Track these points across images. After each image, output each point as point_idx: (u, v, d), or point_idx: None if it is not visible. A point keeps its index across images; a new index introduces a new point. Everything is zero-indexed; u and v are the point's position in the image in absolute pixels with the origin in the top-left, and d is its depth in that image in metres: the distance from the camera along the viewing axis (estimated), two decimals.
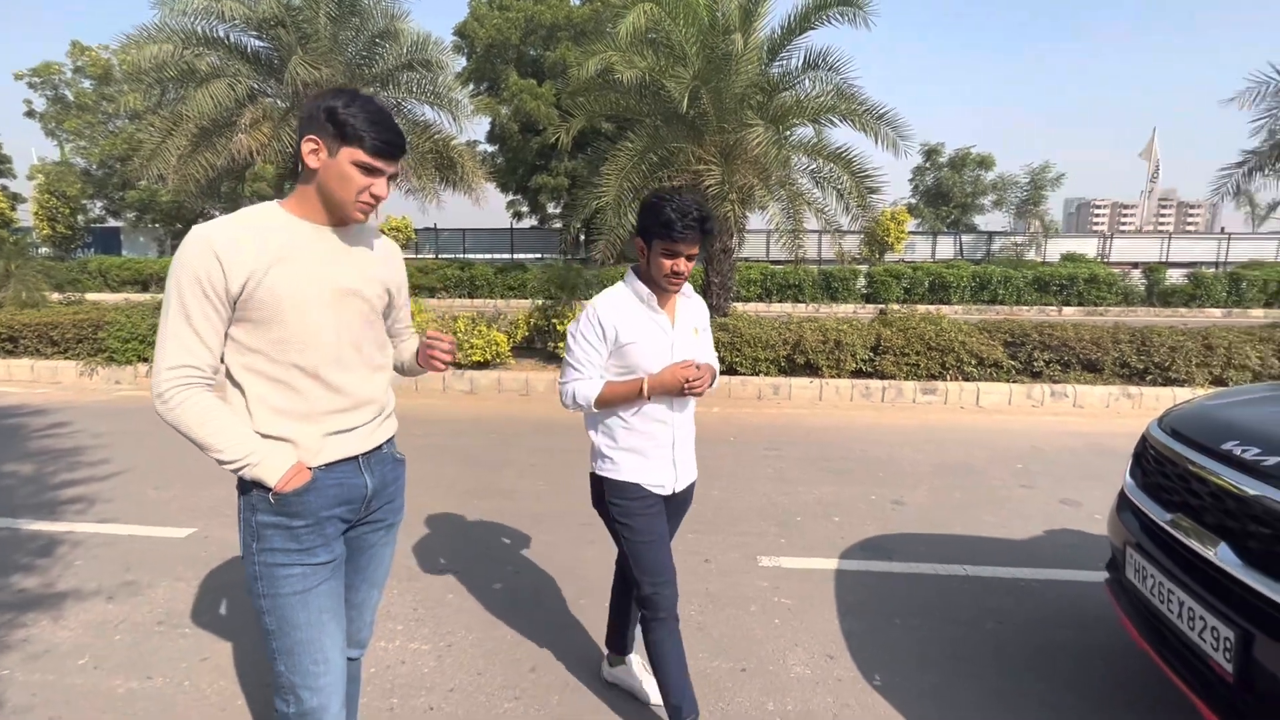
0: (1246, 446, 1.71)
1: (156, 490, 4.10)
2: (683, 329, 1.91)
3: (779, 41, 6.98)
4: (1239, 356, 6.94)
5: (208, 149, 8.47)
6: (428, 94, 8.31)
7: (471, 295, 17.43)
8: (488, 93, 18.02)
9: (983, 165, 24.97)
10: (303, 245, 1.34)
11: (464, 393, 7.10)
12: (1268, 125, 9.02)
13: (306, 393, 1.35)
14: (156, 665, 2.39)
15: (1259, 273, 17.21)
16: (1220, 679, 1.59)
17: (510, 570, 3.14)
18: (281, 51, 8.21)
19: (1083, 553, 3.34)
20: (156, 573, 3.05)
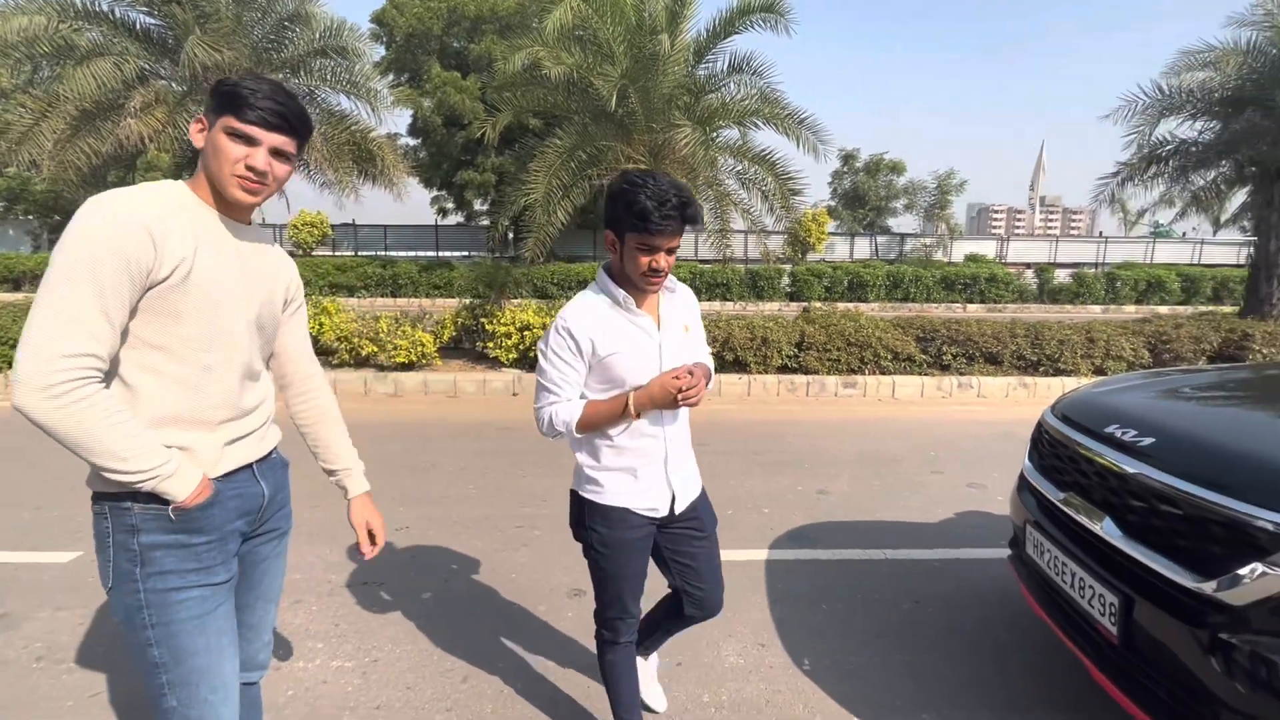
0: (1126, 429, 1.89)
1: (34, 512, 3.70)
2: (670, 329, 1.66)
3: (705, 44, 7.11)
4: (1116, 348, 7.68)
5: (91, 134, 7.70)
6: (343, 83, 7.89)
7: (395, 294, 16.77)
8: (409, 84, 17.34)
9: (895, 171, 26.34)
10: (216, 234, 1.23)
11: (387, 395, 6.81)
12: (1137, 139, 10.02)
13: (212, 396, 1.24)
14: (36, 707, 2.15)
15: (1131, 273, 19.13)
16: (1107, 641, 1.75)
17: (440, 579, 3.04)
18: (177, 30, 7.58)
19: (988, 532, 3.59)
20: (34, 603, 2.76)
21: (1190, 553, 1.55)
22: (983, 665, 2.42)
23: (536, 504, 3.92)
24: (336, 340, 7.18)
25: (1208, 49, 9.37)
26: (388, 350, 7.01)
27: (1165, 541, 1.62)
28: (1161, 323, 8.28)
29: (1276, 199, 9.29)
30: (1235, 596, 1.41)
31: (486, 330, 7.41)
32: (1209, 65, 9.40)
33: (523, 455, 4.87)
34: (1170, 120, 9.85)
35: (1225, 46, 9.24)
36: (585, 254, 20.59)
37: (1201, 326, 8.14)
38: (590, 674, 2.34)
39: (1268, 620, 1.36)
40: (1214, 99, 9.43)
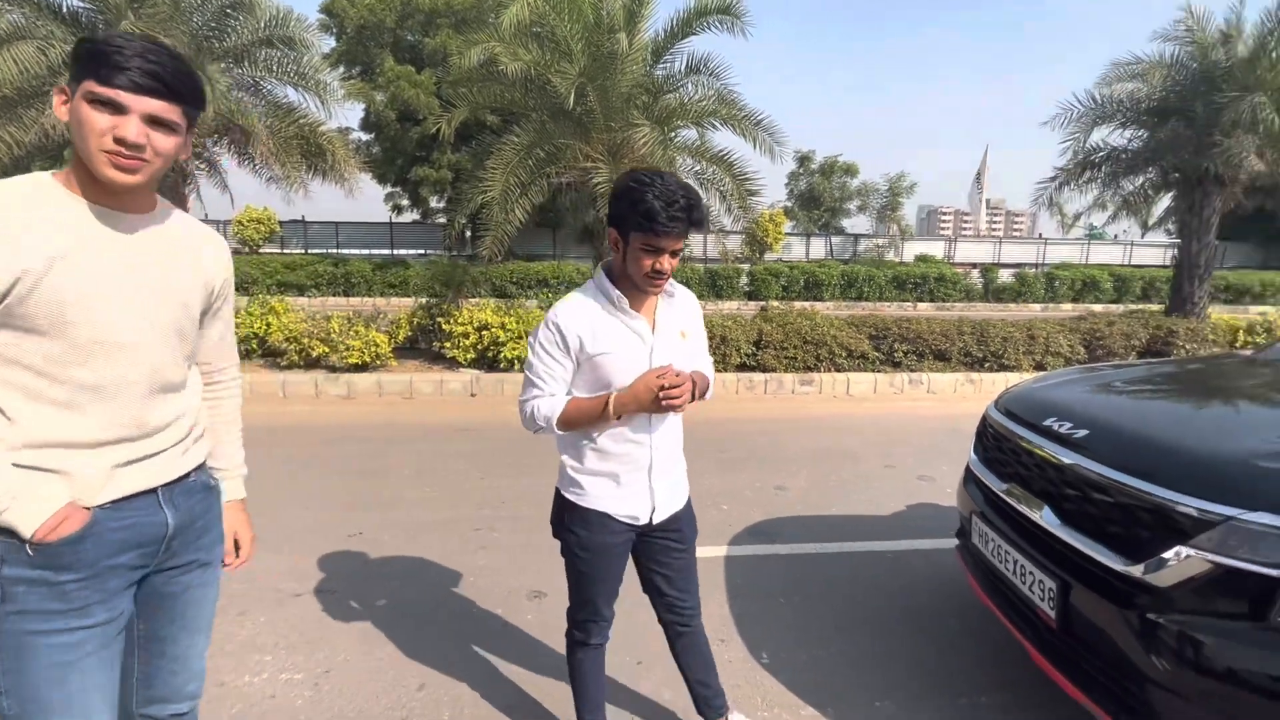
0: (1062, 422, 1.98)
1: None
2: (665, 333, 1.62)
3: (662, 44, 7.14)
4: (1054, 345, 8.07)
5: (12, 122, 7.22)
6: (290, 74, 7.59)
7: (347, 293, 16.29)
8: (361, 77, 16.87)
9: (848, 173, 26.99)
10: (88, 232, 1.06)
11: (340, 398, 6.61)
12: (1072, 146, 10.52)
13: (93, 415, 1.08)
14: None
15: (1068, 273, 20.09)
16: (1046, 625, 1.83)
17: (395, 585, 2.97)
18: (108, 14, 7.17)
19: (937, 523, 3.72)
20: None
21: (1121, 538, 1.64)
22: (933, 652, 2.51)
23: (495, 506, 3.87)
24: (285, 341, 6.93)
25: (1136, 61, 9.90)
26: (340, 351, 6.81)
27: (1098, 528, 1.71)
28: (1096, 320, 8.73)
29: (1197, 204, 9.89)
30: (1161, 579, 1.50)
31: (444, 330, 7.27)
32: (1137, 77, 9.92)
33: (481, 456, 4.80)
34: (1103, 128, 10.38)
35: (1151, 60, 9.78)
36: (544, 253, 20.42)
37: (1131, 324, 8.62)
38: (551, 675, 2.33)
39: (1190, 600, 1.45)
40: (1141, 109, 9.97)
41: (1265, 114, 8.20)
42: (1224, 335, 8.88)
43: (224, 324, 1.37)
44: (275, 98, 8.06)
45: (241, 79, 7.71)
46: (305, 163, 8.24)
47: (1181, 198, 10.70)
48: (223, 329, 1.37)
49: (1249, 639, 1.35)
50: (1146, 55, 9.83)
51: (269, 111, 7.83)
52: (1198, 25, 9.32)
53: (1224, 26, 9.28)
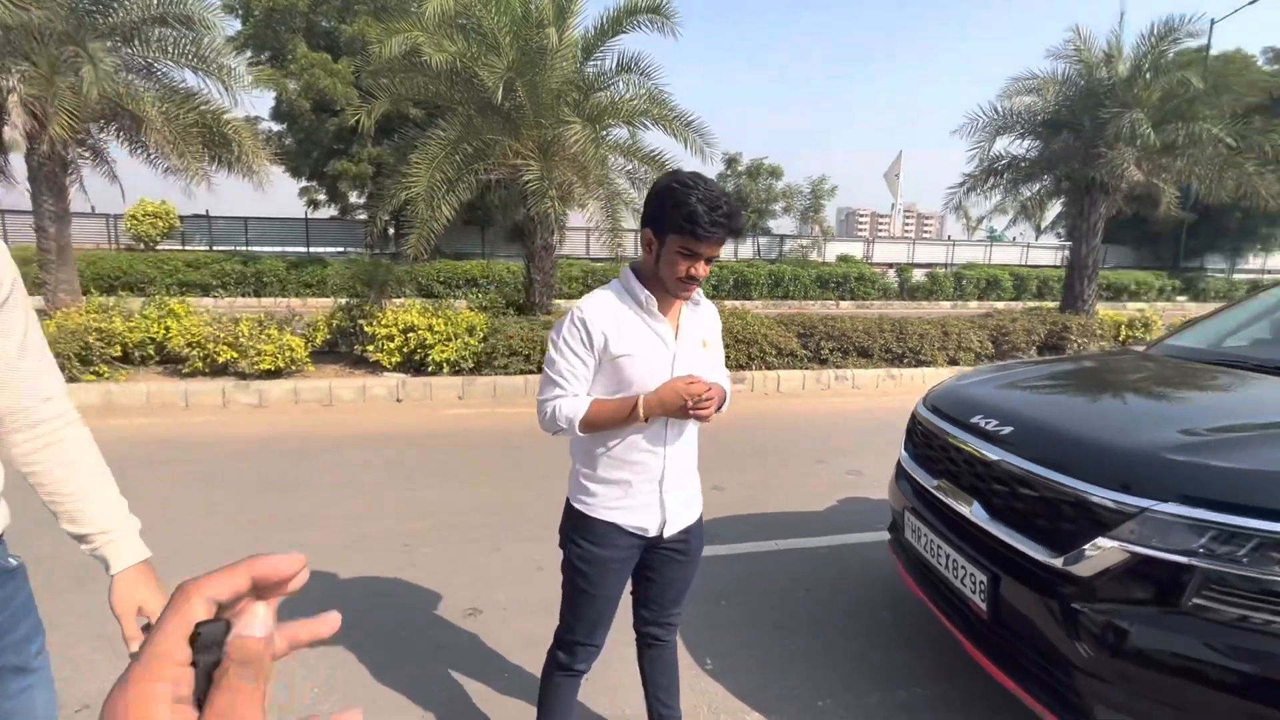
0: (988, 419, 2.07)
1: None
2: (688, 341, 1.59)
3: (593, 41, 7.05)
4: (966, 341, 8.58)
5: None
6: (188, 56, 6.96)
7: (259, 294, 15.22)
8: (271, 63, 15.79)
9: (773, 175, 27.77)
10: None
11: (251, 406, 6.15)
12: (979, 154, 11.26)
13: None
14: None
15: (974, 273, 21.50)
16: (978, 616, 1.90)
17: (317, 609, 2.75)
18: None
19: (867, 516, 3.85)
20: None
21: (1046, 531, 1.72)
22: (870, 646, 2.57)
23: (424, 517, 3.69)
24: (188, 346, 6.38)
25: (1032, 77, 10.68)
26: (250, 356, 6.33)
27: (1025, 522, 1.79)
28: (1000, 317, 9.35)
29: (1086, 210, 10.79)
30: (1083, 569, 1.58)
31: (366, 332, 6.90)
32: (1033, 91, 10.72)
33: (407, 466, 4.57)
34: (1004, 138, 11.16)
35: (1046, 76, 10.58)
36: (473, 251, 19.86)
37: (1031, 320, 9.30)
38: (492, 696, 2.22)
39: (1111, 589, 1.53)
40: (1037, 121, 10.78)
41: (1143, 129, 9.04)
42: (1109, 330, 9.72)
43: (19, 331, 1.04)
44: (172, 82, 7.39)
45: (131, 60, 7.02)
46: (207, 153, 7.59)
47: (1072, 204, 11.66)
48: (20, 338, 1.04)
49: (1165, 623, 1.43)
50: (1041, 72, 10.62)
51: (164, 96, 7.16)
52: (1084, 46, 10.17)
53: (1106, 48, 10.15)
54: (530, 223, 7.59)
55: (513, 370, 6.81)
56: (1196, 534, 1.42)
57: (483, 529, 3.55)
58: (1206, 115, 9.44)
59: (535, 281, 7.86)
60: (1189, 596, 1.41)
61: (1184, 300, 22.91)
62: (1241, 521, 1.37)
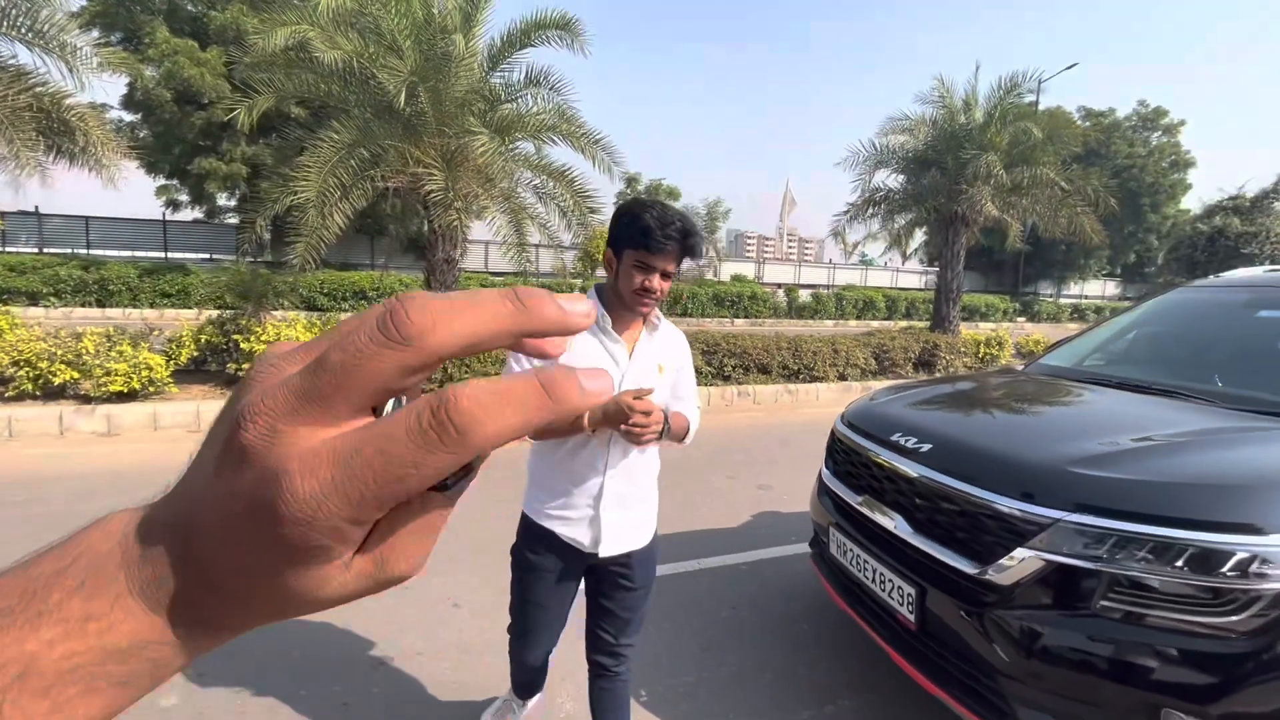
0: (907, 436, 2.19)
1: None
2: (642, 364, 1.63)
3: (500, 52, 6.89)
4: (853, 358, 9.21)
5: None
6: (20, 29, 5.99)
7: (102, 304, 13.37)
8: (124, 46, 14.06)
9: (671, 195, 28.58)
10: None
11: (97, 435, 5.33)
12: (860, 185, 12.22)
13: None
14: None
15: (853, 294, 23.29)
16: (905, 628, 1.99)
17: (190, 672, 2.40)
18: None
19: (781, 530, 3.96)
20: None
21: (968, 543, 1.83)
22: (795, 661, 2.62)
23: None
24: (12, 365, 5.43)
25: (905, 118, 11.79)
26: (96, 376, 5.50)
27: (948, 535, 1.90)
28: (881, 336, 10.14)
29: (950, 240, 12.01)
30: (1004, 578, 1.69)
31: (243, 349, 6.23)
32: (906, 131, 11.82)
33: None
34: (882, 172, 12.20)
35: (916, 117, 11.71)
36: (362, 261, 18.72)
37: (908, 339, 10.15)
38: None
39: (1029, 595, 1.65)
40: (909, 158, 11.89)
41: (997, 170, 10.22)
42: (971, 348, 10.83)
43: None
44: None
45: None
46: (44, 141, 6.57)
47: (937, 234, 12.95)
48: None
49: (1078, 625, 1.56)
50: (913, 114, 11.74)
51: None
52: (947, 93, 11.37)
53: (965, 96, 11.41)
54: (432, 234, 7.24)
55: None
56: (1101, 541, 1.57)
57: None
58: (1045, 161, 10.85)
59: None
60: (1097, 599, 1.54)
61: (1023, 320, 26.16)
62: (1137, 528, 1.53)
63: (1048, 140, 11.02)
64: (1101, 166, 25.66)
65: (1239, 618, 1.40)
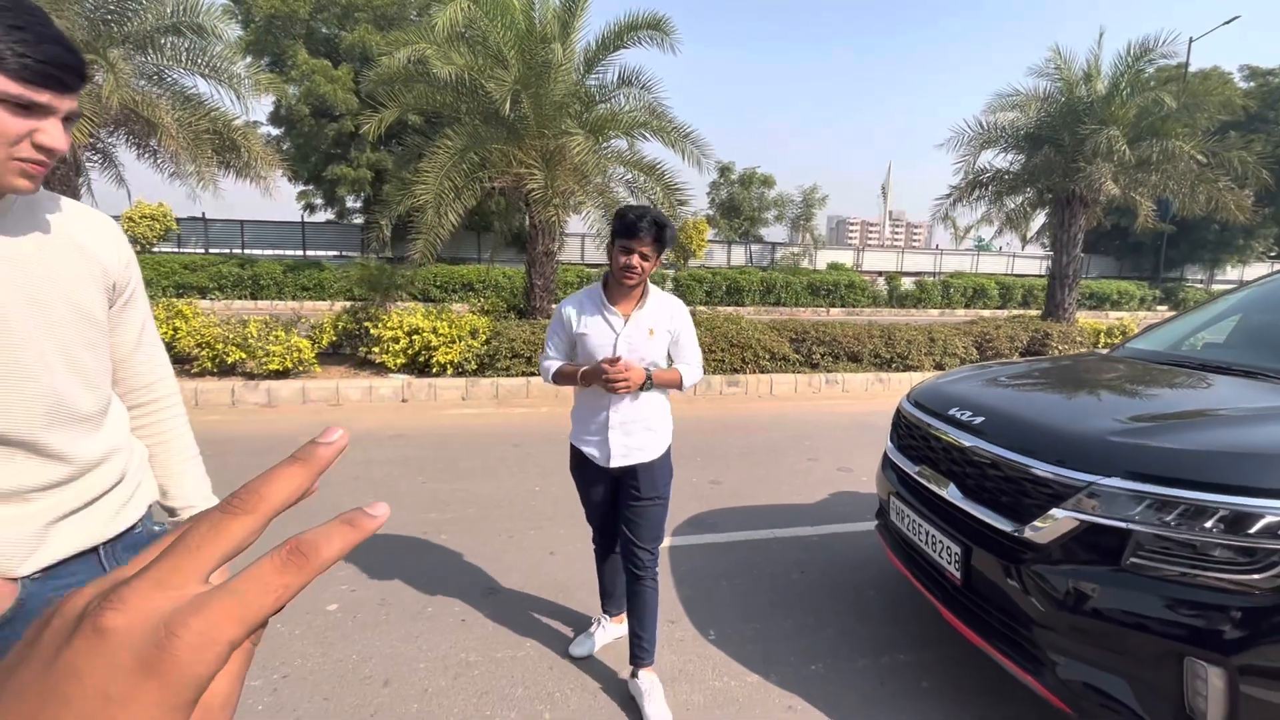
0: (963, 410, 2.32)
1: None
2: (636, 327, 2.12)
3: (594, 55, 7.31)
4: (951, 347, 8.89)
5: None
6: (199, 64, 7.14)
7: (255, 296, 15.35)
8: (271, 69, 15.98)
9: (765, 184, 28.20)
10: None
11: (260, 406, 6.32)
12: (964, 167, 11.61)
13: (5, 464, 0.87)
14: None
15: (961, 281, 21.96)
16: (953, 584, 2.15)
17: (345, 589, 2.97)
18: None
19: (856, 509, 4.09)
20: None
21: (1010, 506, 1.97)
22: (857, 621, 2.81)
23: (440, 509, 3.90)
24: (196, 347, 6.55)
25: (1015, 93, 11.07)
26: (258, 357, 6.51)
27: (993, 499, 2.04)
28: (985, 324, 9.68)
29: (1066, 222, 11.17)
30: (1041, 536, 1.83)
31: (372, 335, 7.09)
32: (1016, 107, 11.10)
33: (419, 462, 4.77)
34: (989, 151, 11.52)
35: (1028, 93, 10.97)
36: (469, 256, 20.06)
37: (1014, 328, 9.63)
38: (512, 666, 2.43)
39: (1063, 552, 1.78)
40: (1020, 136, 11.15)
41: (1119, 146, 9.42)
42: (1089, 337, 10.08)
43: (138, 323, 1.11)
44: (182, 88, 7.58)
45: (144, 67, 7.20)
46: (217, 159, 7.78)
47: (1053, 215, 12.04)
48: (139, 330, 1.11)
49: (1108, 579, 1.68)
50: (1023, 88, 11.01)
51: (177, 103, 7.34)
52: (1064, 64, 10.56)
53: (1085, 66, 10.55)
54: (532, 229, 7.81)
55: (514, 372, 7.03)
56: (1134, 503, 1.68)
57: (495, 518, 3.77)
58: (1179, 132, 9.84)
59: (536, 286, 8.09)
60: (1127, 556, 1.66)
61: (1164, 310, 23.48)
62: (1171, 492, 1.63)
63: (1185, 109, 9.99)
64: (1269, 133, 22.52)
65: (1264, 575, 1.48)
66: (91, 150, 7.86)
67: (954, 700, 2.29)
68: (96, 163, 8.35)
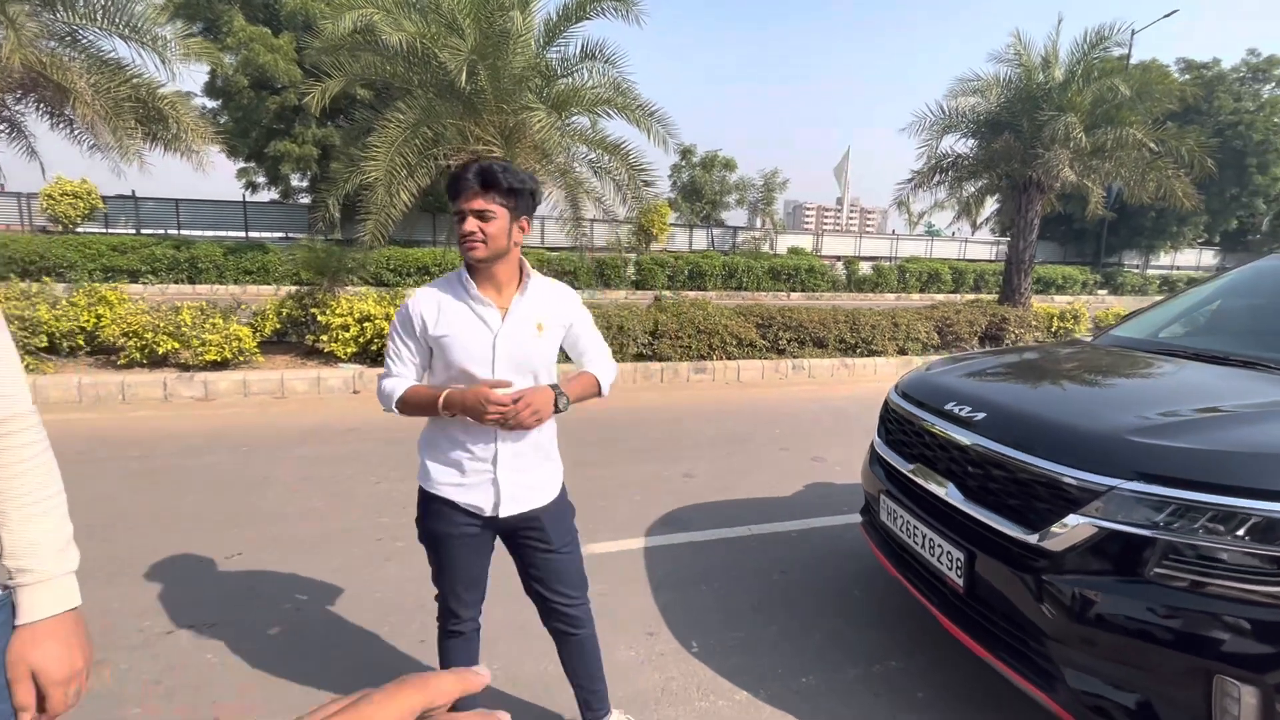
0: (962, 406, 2.18)
1: None
2: (517, 324, 1.60)
3: (556, 26, 6.94)
4: (914, 332, 8.94)
5: None
6: (118, 24, 6.46)
7: (193, 280, 14.42)
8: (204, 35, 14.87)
9: (727, 167, 28.06)
10: None
11: (196, 400, 5.85)
12: (926, 151, 11.67)
13: None
14: None
15: (916, 266, 22.38)
16: (954, 593, 2.02)
17: (288, 609, 2.68)
18: None
19: (833, 500, 3.99)
20: None
21: (1019, 510, 1.84)
22: (844, 624, 2.69)
23: (396, 512, 3.62)
24: (123, 336, 6.00)
25: (976, 78, 11.14)
26: (194, 346, 6.01)
27: (999, 502, 1.91)
28: (945, 309, 9.77)
29: (1023, 207, 11.37)
30: (1055, 544, 1.70)
31: (319, 322, 6.65)
32: (977, 92, 11.18)
33: (374, 458, 4.46)
34: (950, 137, 11.61)
35: (989, 78, 11.05)
36: (424, 239, 19.33)
37: (974, 312, 9.75)
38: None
39: (1080, 562, 1.66)
40: (980, 121, 11.26)
41: (1075, 132, 9.58)
42: (1043, 321, 10.31)
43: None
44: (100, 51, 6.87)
45: (54, 26, 6.48)
46: (141, 130, 7.11)
47: (1009, 201, 12.25)
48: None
49: (1130, 591, 1.56)
50: (985, 74, 11.09)
51: (92, 67, 6.65)
52: (1024, 50, 10.66)
53: (1044, 53, 10.67)
54: None
55: None
56: (1158, 509, 1.56)
57: None
58: (1132, 120, 10.07)
59: None
60: (1151, 566, 1.54)
61: (1105, 294, 24.50)
62: (1198, 497, 1.51)
63: (1137, 98, 10.22)
64: (1202, 124, 23.50)
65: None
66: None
67: (954, 712, 2.18)
68: (3, 133, 7.54)
